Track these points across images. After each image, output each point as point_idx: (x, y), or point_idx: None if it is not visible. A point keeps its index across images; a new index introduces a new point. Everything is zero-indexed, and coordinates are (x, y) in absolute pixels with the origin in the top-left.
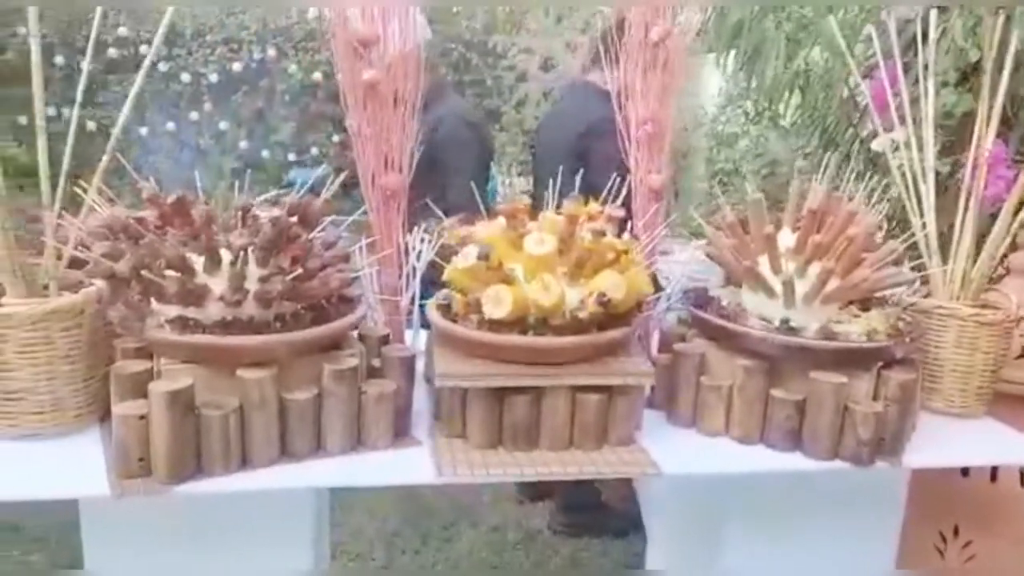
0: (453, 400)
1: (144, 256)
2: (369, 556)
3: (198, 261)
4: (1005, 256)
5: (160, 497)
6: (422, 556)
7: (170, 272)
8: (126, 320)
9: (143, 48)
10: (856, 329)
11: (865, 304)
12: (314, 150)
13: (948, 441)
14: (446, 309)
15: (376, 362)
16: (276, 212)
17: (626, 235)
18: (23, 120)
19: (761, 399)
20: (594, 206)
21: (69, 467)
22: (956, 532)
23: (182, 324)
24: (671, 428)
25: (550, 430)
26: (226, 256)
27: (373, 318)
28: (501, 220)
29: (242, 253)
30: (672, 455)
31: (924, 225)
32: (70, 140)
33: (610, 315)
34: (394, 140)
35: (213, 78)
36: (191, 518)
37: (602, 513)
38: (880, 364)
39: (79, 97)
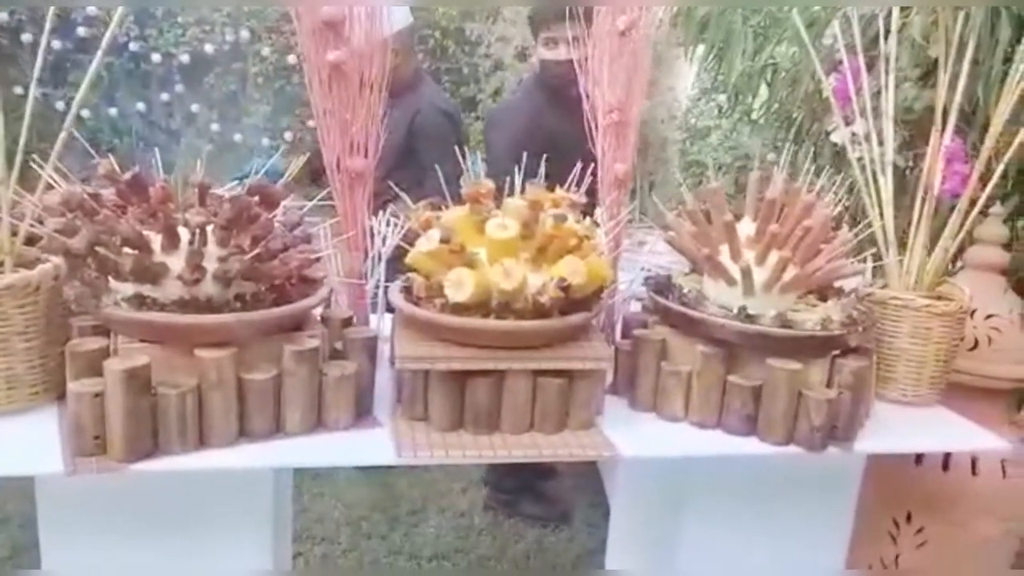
0: (415, 383)
1: (100, 233)
2: (335, 540)
3: (155, 239)
4: (962, 251)
5: (114, 475)
6: (388, 541)
7: (127, 250)
8: (82, 297)
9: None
10: (812, 318)
11: (823, 294)
12: (288, 134)
13: (900, 429)
14: (408, 292)
15: (339, 344)
16: (236, 192)
17: (587, 221)
18: None
19: (719, 385)
20: (559, 192)
21: (24, 445)
22: (909, 518)
23: (139, 302)
24: (632, 413)
25: (511, 413)
26: (184, 235)
27: (338, 301)
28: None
29: (199, 231)
30: (632, 439)
31: (881, 216)
32: (27, 116)
33: (572, 301)
34: (359, 123)
35: (185, 59)
36: (149, 499)
37: (529, 497)
38: (834, 352)
39: (36, 73)
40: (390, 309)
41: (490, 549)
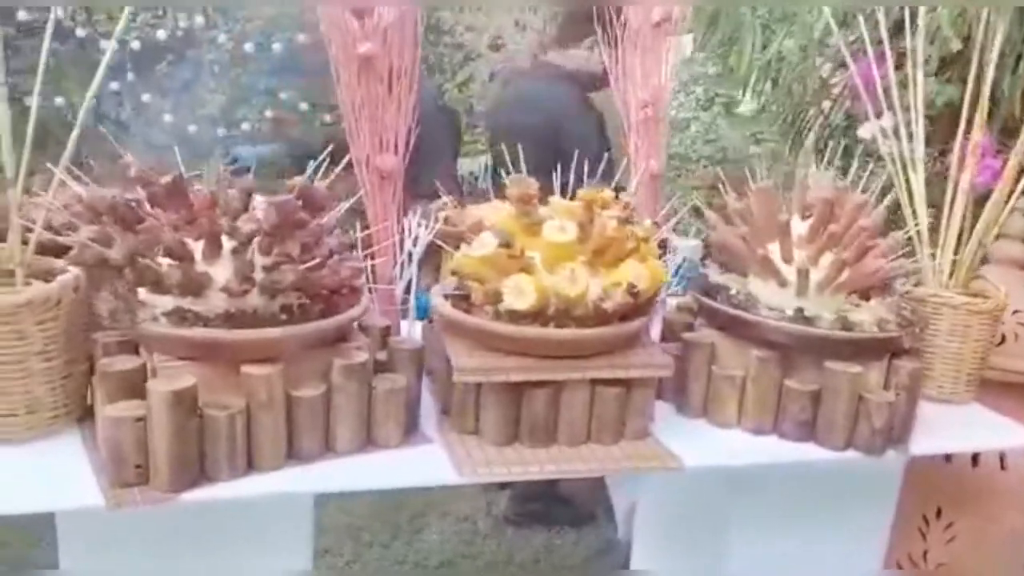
0: (466, 395)
1: (142, 242)
2: (338, 552)
3: (196, 248)
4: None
5: (161, 507)
6: (392, 550)
7: (168, 260)
8: (117, 312)
9: (60, 13)
10: (867, 319)
11: (864, 293)
12: (245, 125)
13: (945, 428)
14: (457, 299)
15: (380, 355)
16: (281, 196)
17: (647, 222)
18: None
19: (775, 389)
20: (607, 193)
21: (50, 475)
22: (939, 514)
23: (180, 317)
24: (681, 419)
25: (568, 425)
26: (227, 243)
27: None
28: (507, 205)
29: (248, 240)
30: (686, 447)
31: (914, 213)
32: (33, 113)
33: (630, 305)
34: (389, 119)
35: (135, 46)
36: (182, 523)
37: (556, 502)
38: (890, 353)
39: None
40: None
41: (497, 555)
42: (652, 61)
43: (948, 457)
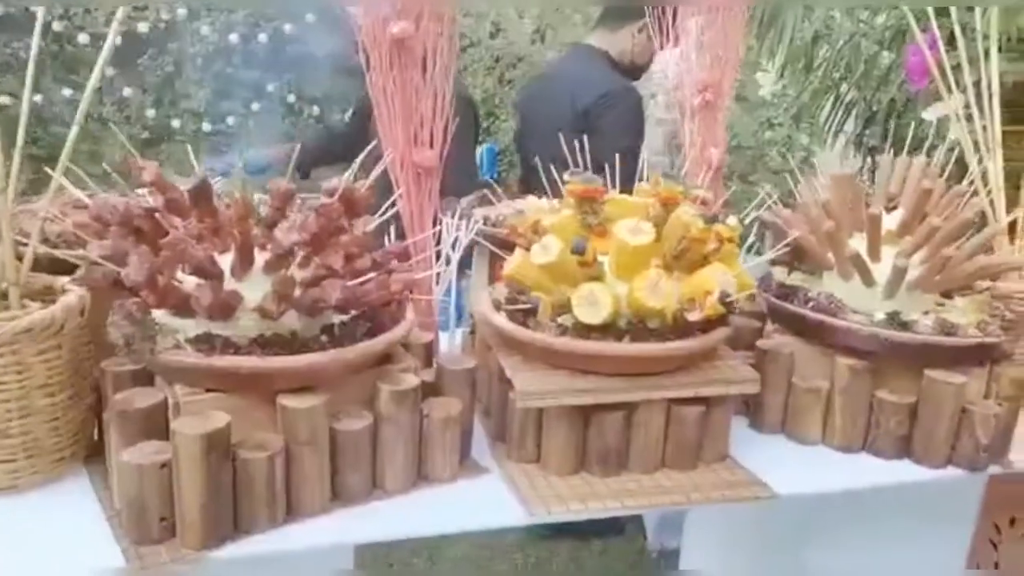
0: (527, 419)
1: (166, 259)
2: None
3: (223, 263)
4: None
5: (193, 568)
6: (414, 569)
7: (194, 279)
8: (132, 340)
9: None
10: (964, 320)
11: (947, 292)
12: (230, 119)
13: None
14: (516, 313)
15: (425, 375)
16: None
17: (732, 220)
18: None
19: (866, 402)
20: (673, 186)
21: (60, 532)
22: (1012, 523)
23: (207, 343)
24: (755, 435)
25: (641, 450)
26: (258, 257)
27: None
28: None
29: (288, 254)
30: (769, 469)
31: (992, 203)
32: (25, 109)
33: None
34: (424, 108)
35: (116, 40)
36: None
37: None
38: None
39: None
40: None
41: (525, 565)
42: (711, 42)
43: None
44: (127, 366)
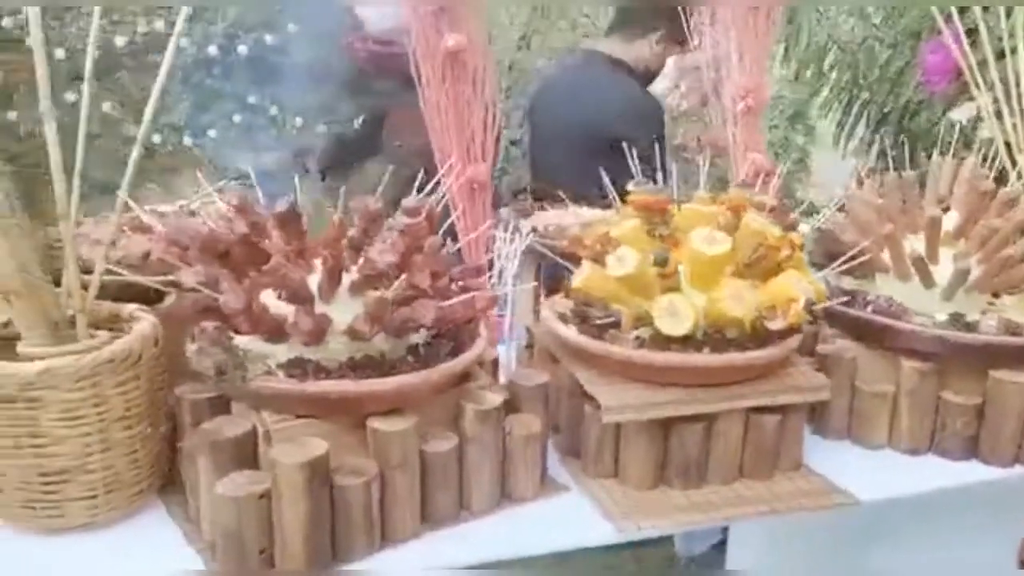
0: (605, 434)
1: (262, 284)
2: None
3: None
4: None
5: None
6: None
7: (287, 305)
8: (223, 367)
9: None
10: (1022, 319)
11: (994, 291)
12: (212, 132)
13: None
14: (588, 326)
15: (499, 393)
16: (406, 218)
17: (804, 228)
18: None
19: (933, 404)
20: (741, 194)
21: (146, 567)
22: None
23: (301, 368)
24: (820, 441)
25: (720, 461)
26: (344, 278)
27: None
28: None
29: (381, 276)
30: (841, 474)
31: None
32: (82, 130)
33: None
34: (476, 122)
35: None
36: None
37: None
38: None
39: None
40: None
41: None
42: (749, 46)
43: None
44: (204, 393)
